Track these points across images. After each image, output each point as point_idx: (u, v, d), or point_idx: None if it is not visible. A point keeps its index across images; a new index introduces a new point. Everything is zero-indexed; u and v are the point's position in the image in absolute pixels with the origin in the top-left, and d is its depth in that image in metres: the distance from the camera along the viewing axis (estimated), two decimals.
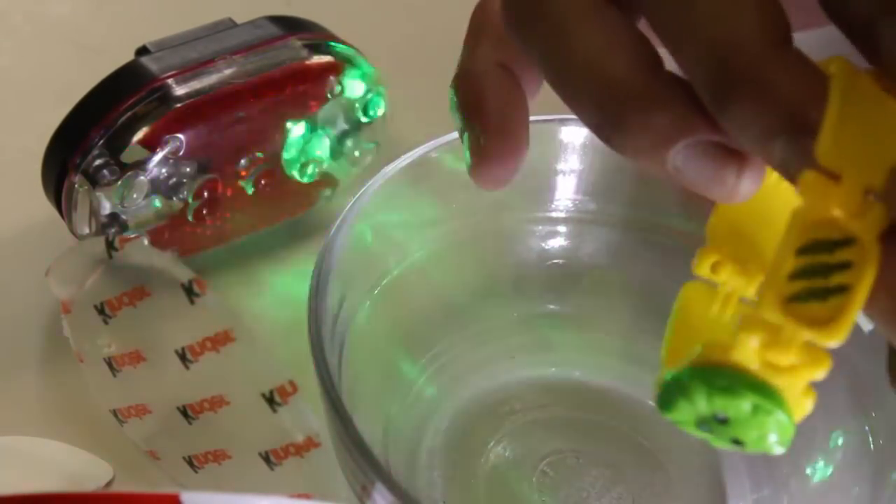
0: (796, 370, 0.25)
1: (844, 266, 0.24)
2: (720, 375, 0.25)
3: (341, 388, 0.33)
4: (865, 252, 0.24)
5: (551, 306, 0.43)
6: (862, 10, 0.24)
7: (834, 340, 0.24)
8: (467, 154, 0.31)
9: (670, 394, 0.26)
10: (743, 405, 0.25)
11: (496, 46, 0.31)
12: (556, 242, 0.42)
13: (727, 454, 0.39)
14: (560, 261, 0.43)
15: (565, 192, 0.42)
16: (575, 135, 0.41)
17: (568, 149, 0.41)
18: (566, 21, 0.27)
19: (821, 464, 0.37)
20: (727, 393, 0.25)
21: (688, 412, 0.26)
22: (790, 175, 0.24)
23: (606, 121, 0.26)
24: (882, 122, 0.24)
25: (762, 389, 0.25)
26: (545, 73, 0.28)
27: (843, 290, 0.24)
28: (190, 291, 0.35)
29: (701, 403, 0.25)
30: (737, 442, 0.26)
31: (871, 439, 0.37)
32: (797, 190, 0.24)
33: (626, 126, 0.25)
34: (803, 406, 0.25)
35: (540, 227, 0.42)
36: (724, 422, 0.26)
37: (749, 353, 0.25)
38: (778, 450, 0.26)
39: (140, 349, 0.38)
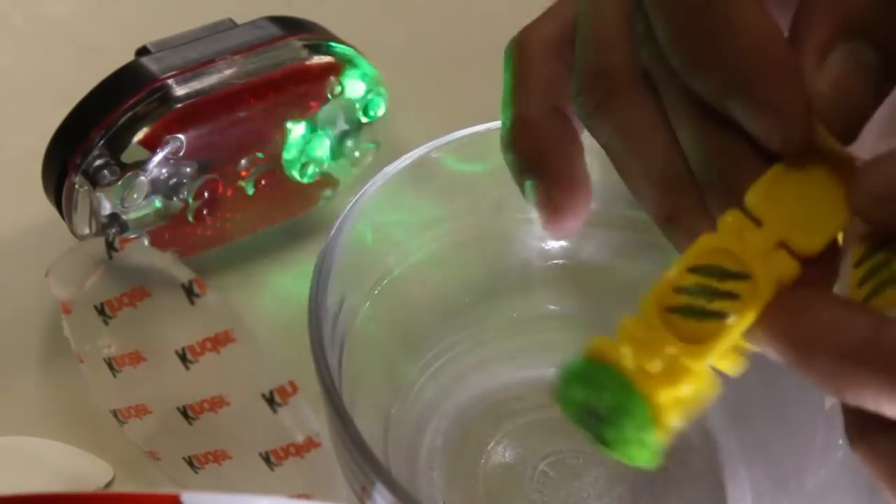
0: (665, 380, 0.25)
1: (730, 296, 0.25)
2: (597, 368, 0.26)
3: (341, 388, 0.33)
4: (756, 290, 0.25)
5: (551, 306, 0.43)
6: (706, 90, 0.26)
7: (697, 360, 0.25)
8: (534, 203, 0.31)
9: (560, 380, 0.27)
10: (607, 397, 0.25)
11: (547, 89, 0.31)
12: (556, 242, 0.42)
13: (728, 454, 0.39)
14: (560, 261, 0.42)
15: None
16: None
17: None
18: (632, 132, 0.29)
19: (820, 465, 0.37)
20: (596, 385, 0.25)
21: (570, 400, 0.26)
22: None
23: (662, 219, 0.28)
24: (818, 192, 0.25)
25: (626, 388, 0.25)
26: (610, 158, 0.30)
27: (721, 316, 0.25)
28: (190, 292, 0.35)
29: (578, 394, 0.26)
30: (604, 442, 0.26)
31: None
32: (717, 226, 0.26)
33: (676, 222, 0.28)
34: (667, 417, 0.25)
35: (540, 227, 0.42)
36: (597, 416, 0.26)
37: (623, 349, 0.25)
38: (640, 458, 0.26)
39: (140, 349, 0.38)
